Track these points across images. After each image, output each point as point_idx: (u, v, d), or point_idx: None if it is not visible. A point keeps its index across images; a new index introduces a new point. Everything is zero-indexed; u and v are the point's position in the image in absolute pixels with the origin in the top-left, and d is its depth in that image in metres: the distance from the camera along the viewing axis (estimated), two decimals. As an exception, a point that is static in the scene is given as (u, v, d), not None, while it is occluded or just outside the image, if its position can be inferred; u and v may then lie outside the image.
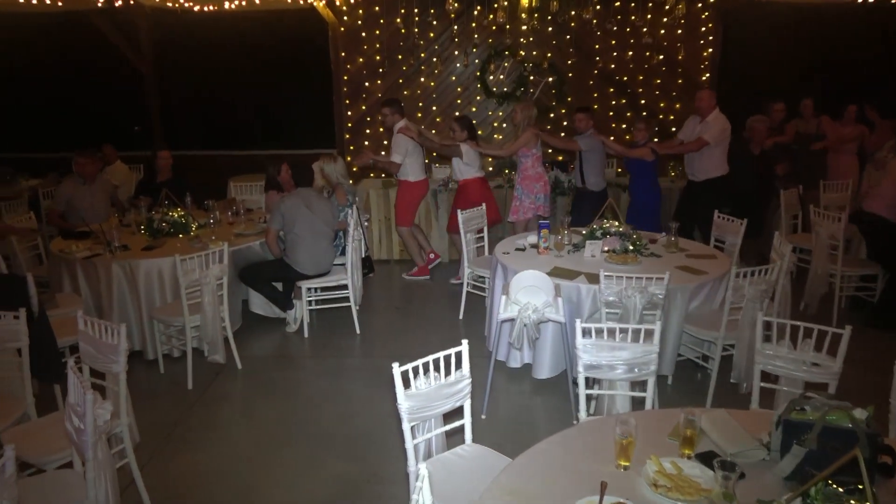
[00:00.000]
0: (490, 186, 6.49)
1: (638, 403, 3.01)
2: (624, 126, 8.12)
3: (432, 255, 6.78)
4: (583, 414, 2.84)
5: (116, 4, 7.56)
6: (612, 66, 8.05)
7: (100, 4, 7.55)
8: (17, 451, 2.01)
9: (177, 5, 7.38)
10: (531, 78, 8.08)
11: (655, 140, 6.30)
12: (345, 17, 8.08)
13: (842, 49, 8.73)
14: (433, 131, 7.37)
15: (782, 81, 8.49)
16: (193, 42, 9.60)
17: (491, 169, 7.94)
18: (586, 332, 2.78)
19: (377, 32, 8.09)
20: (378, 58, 8.14)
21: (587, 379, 2.83)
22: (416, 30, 7.94)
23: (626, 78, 8.07)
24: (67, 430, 2.44)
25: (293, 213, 4.98)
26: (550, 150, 7.57)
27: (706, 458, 2.08)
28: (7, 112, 10.66)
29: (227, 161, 9.55)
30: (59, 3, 7.39)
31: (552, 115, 8.16)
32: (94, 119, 10.70)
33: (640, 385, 2.93)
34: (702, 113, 6.05)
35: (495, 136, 8.19)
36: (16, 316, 3.14)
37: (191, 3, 7.47)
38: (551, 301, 3.72)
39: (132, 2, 7.67)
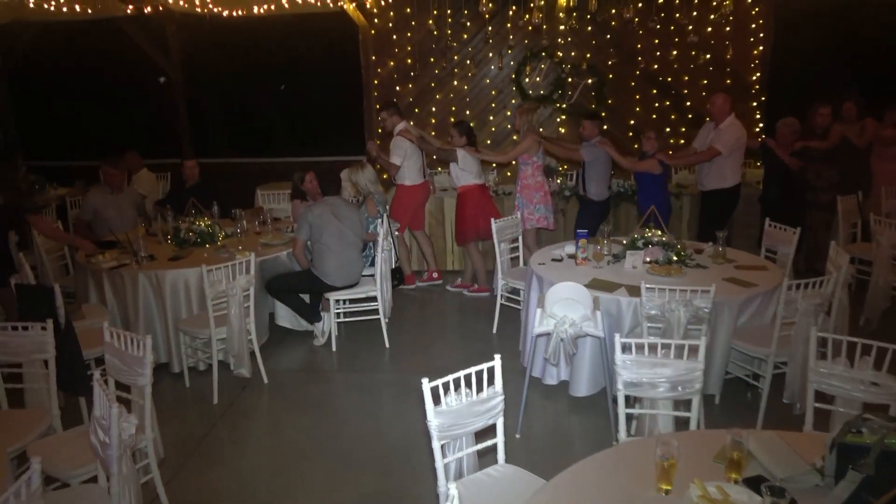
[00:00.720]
0: (490, 194, 6.54)
1: (682, 424, 2.97)
2: (668, 129, 8.05)
3: (435, 275, 6.79)
4: (622, 434, 2.82)
5: (146, 11, 7.80)
6: (656, 66, 7.99)
7: (129, 11, 7.80)
8: (43, 464, 2.08)
9: (205, 11, 7.59)
10: (569, 80, 8.07)
11: (669, 152, 6.16)
12: (375, 20, 8.20)
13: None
14: (432, 133, 7.39)
15: (839, 81, 8.30)
16: (222, 48, 9.85)
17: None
18: (627, 348, 2.76)
19: (408, 35, 8.19)
20: (409, 61, 8.24)
21: (627, 397, 2.80)
22: (449, 31, 8.02)
23: (670, 79, 8.01)
24: (92, 443, 2.52)
25: (321, 223, 5.06)
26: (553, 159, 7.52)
27: (754, 483, 2.04)
28: (37, 120, 11.06)
29: (254, 168, 9.76)
30: (89, 11, 7.65)
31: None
32: (123, 126, 11.02)
33: (684, 404, 2.89)
34: (715, 119, 6.00)
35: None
36: (43, 327, 3.25)
37: (220, 9, 7.67)
38: (589, 314, 3.69)
39: (161, 8, 7.90)
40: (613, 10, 7.44)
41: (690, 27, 7.65)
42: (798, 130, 6.22)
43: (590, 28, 7.96)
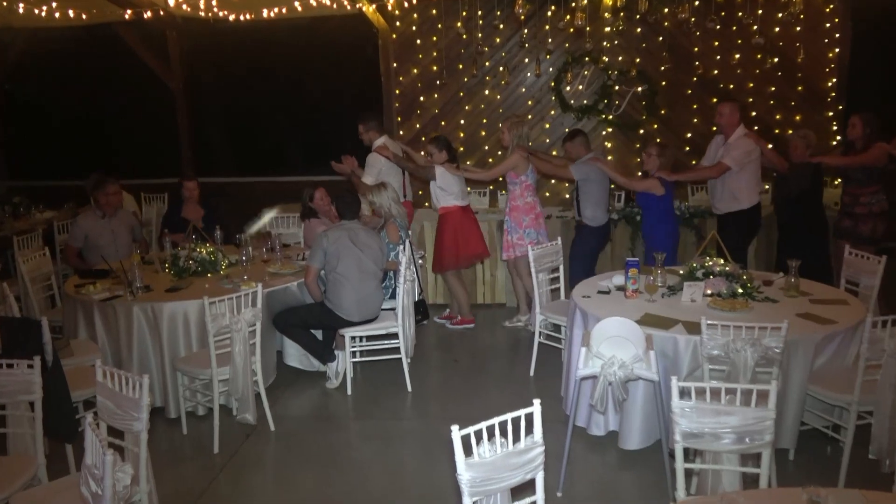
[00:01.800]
0: (474, 216, 6.65)
1: (750, 481, 2.93)
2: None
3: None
4: (681, 493, 2.80)
5: (146, 16, 8.06)
6: (715, 71, 8.01)
7: (127, 17, 8.06)
8: (30, 517, 2.13)
9: (210, 15, 7.81)
10: (616, 88, 8.12)
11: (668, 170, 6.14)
12: (397, 23, 8.36)
13: None
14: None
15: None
16: (227, 56, 10.10)
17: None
18: (685, 393, 2.75)
19: (434, 39, 8.33)
20: (435, 68, 8.37)
21: (686, 450, 2.78)
22: (480, 35, 8.14)
23: (732, 86, 8.01)
24: (83, 495, 2.57)
25: (337, 250, 5.13)
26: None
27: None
28: (22, 136, 11.38)
29: (263, 188, 9.92)
30: (84, 16, 7.93)
31: (641, 131, 8.16)
32: (117, 142, 11.29)
33: (752, 459, 2.86)
34: (724, 131, 6.04)
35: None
36: (30, 365, 3.33)
37: (226, 12, 7.89)
38: (642, 355, 3.68)
39: (162, 13, 8.16)
40: (666, 10, 7.49)
41: (755, 27, 7.67)
42: (814, 143, 6.20)
43: (639, 30, 8.03)
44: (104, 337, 4.93)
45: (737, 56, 7.93)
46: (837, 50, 7.84)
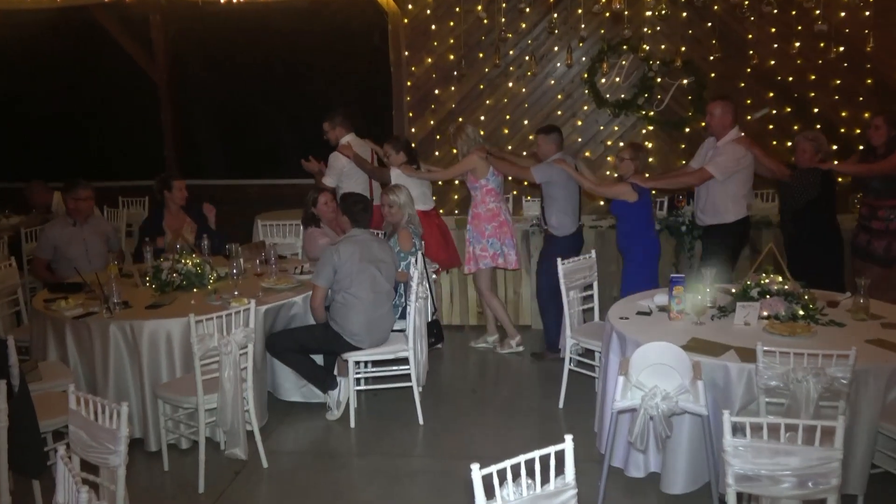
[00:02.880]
0: (440, 221, 6.83)
1: (814, 532, 2.90)
2: (788, 144, 8.01)
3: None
4: (734, 544, 2.77)
5: (126, -3, 8.17)
6: (772, 62, 8.00)
7: (105, -1, 8.18)
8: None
9: (198, -4, 7.90)
10: (658, 80, 8.13)
11: (645, 175, 6.19)
12: (409, 6, 8.42)
13: None
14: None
15: None
16: (217, 43, 10.20)
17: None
18: (738, 430, 2.74)
19: (451, 24, 8.39)
20: (452, 57, 8.41)
21: (740, 495, 2.76)
22: (503, 20, 8.15)
23: (791, 78, 8.00)
24: (52, 538, 2.58)
25: (349, 268, 5.13)
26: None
27: None
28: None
29: (257, 192, 10.00)
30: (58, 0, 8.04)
31: (687, 129, 8.15)
32: (94, 140, 11.38)
33: (816, 506, 2.83)
34: (714, 133, 6.09)
35: (609, 158, 8.23)
36: (-7, 390, 3.36)
37: (216, -7, 7.97)
38: (688, 385, 3.67)
39: (144, -7, 8.27)
40: (716, -8, 7.53)
41: (817, 12, 7.64)
42: (826, 147, 6.18)
43: (685, 14, 8.04)
44: (77, 359, 4.96)
45: (796, 44, 7.91)
46: (912, 38, 7.81)
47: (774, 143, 8.02)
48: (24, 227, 8.17)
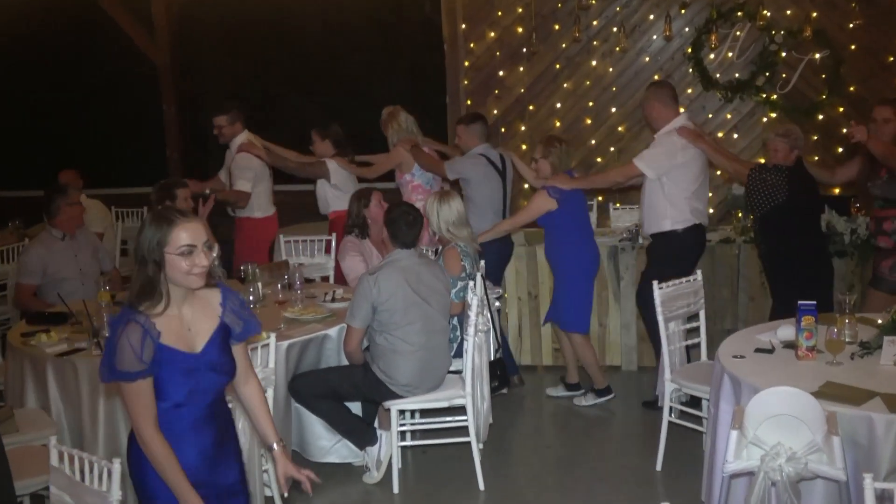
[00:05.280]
0: None
1: None
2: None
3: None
4: None
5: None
6: (932, 31, 7.85)
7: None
8: None
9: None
10: (783, 55, 8.03)
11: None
12: (468, -30, 8.47)
13: None
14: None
15: None
16: (231, 22, 10.34)
17: None
18: (885, 499, 2.67)
19: (519, -10, 8.41)
20: (520, 30, 8.43)
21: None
22: (586, -17, 8.16)
23: (958, 52, 7.85)
24: None
25: (393, 304, 5.03)
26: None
27: None
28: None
29: (281, 200, 10.08)
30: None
31: (821, 116, 8.02)
32: (87, 139, 11.53)
33: None
34: (651, 125, 6.29)
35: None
36: (-39, 443, 3.43)
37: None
38: (820, 442, 3.60)
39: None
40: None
41: None
42: (802, 145, 6.18)
43: (817, -30, 7.95)
44: (60, 405, 5.01)
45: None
46: None
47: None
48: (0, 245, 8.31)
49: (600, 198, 8.13)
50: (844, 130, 5.83)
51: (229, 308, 3.28)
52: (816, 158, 7.31)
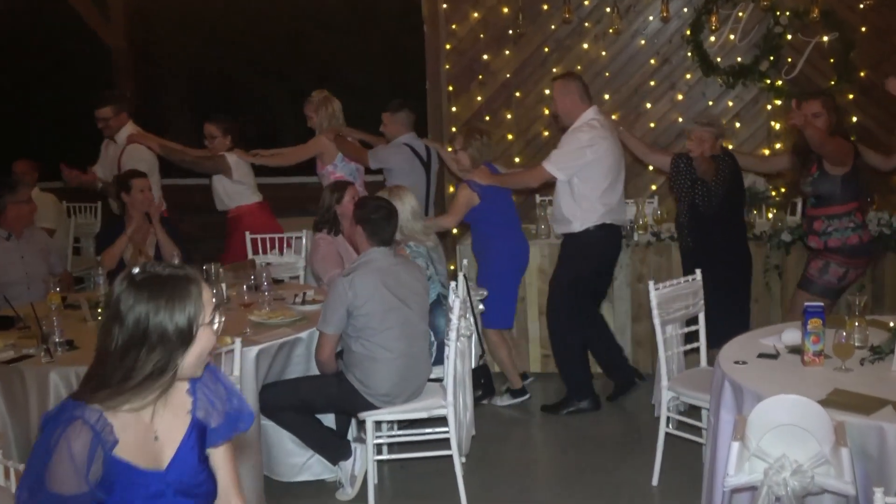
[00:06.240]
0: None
1: None
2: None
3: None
4: None
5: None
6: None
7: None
8: None
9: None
10: (788, 38, 8.07)
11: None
12: (448, -59, 8.48)
13: None
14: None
15: None
16: (191, 2, 10.31)
17: None
18: (896, 515, 2.71)
19: (505, -32, 8.43)
20: (506, 10, 8.44)
21: None
22: (576, -40, 8.19)
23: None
24: None
25: (371, 308, 5.02)
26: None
27: None
28: None
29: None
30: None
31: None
32: (31, 125, 11.51)
33: None
34: (561, 120, 6.43)
35: (728, 145, 8.18)
36: None
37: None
38: (828, 454, 3.63)
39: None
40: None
41: None
42: (723, 132, 6.41)
43: (825, -54, 7.99)
44: (6, 417, 5.00)
45: None
46: None
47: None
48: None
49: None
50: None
51: (201, 394, 2.59)
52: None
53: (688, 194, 6.33)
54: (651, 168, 8.00)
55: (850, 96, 8.01)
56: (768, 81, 8.16)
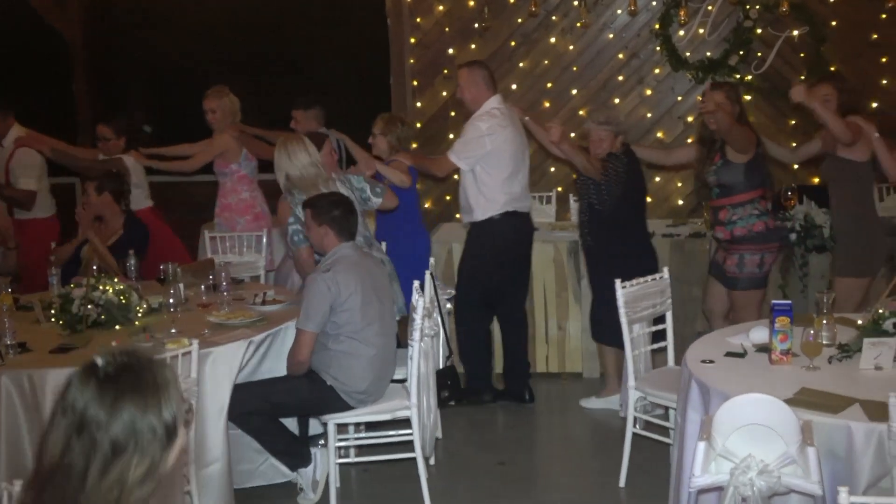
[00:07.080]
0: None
1: None
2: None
3: None
4: None
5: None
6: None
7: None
8: None
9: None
10: (758, 32, 8.11)
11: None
12: (413, -64, 8.47)
13: None
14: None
15: None
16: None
17: None
18: (861, 516, 2.72)
19: (470, -41, 8.42)
20: (472, 3, 8.43)
21: None
22: (542, -48, 8.20)
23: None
24: None
25: (353, 303, 5.03)
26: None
27: None
28: None
29: (205, 192, 10.01)
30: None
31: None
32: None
33: None
34: (467, 107, 6.55)
35: (689, 139, 8.21)
36: None
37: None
38: (794, 454, 3.65)
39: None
40: None
41: None
42: (623, 128, 6.54)
43: (795, -61, 8.03)
44: (-45, 423, 5.00)
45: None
46: None
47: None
48: None
49: (559, 188, 8.17)
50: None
51: None
52: (794, 145, 7.37)
53: (586, 193, 6.42)
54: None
55: (827, 91, 8.03)
56: (738, 76, 8.19)
